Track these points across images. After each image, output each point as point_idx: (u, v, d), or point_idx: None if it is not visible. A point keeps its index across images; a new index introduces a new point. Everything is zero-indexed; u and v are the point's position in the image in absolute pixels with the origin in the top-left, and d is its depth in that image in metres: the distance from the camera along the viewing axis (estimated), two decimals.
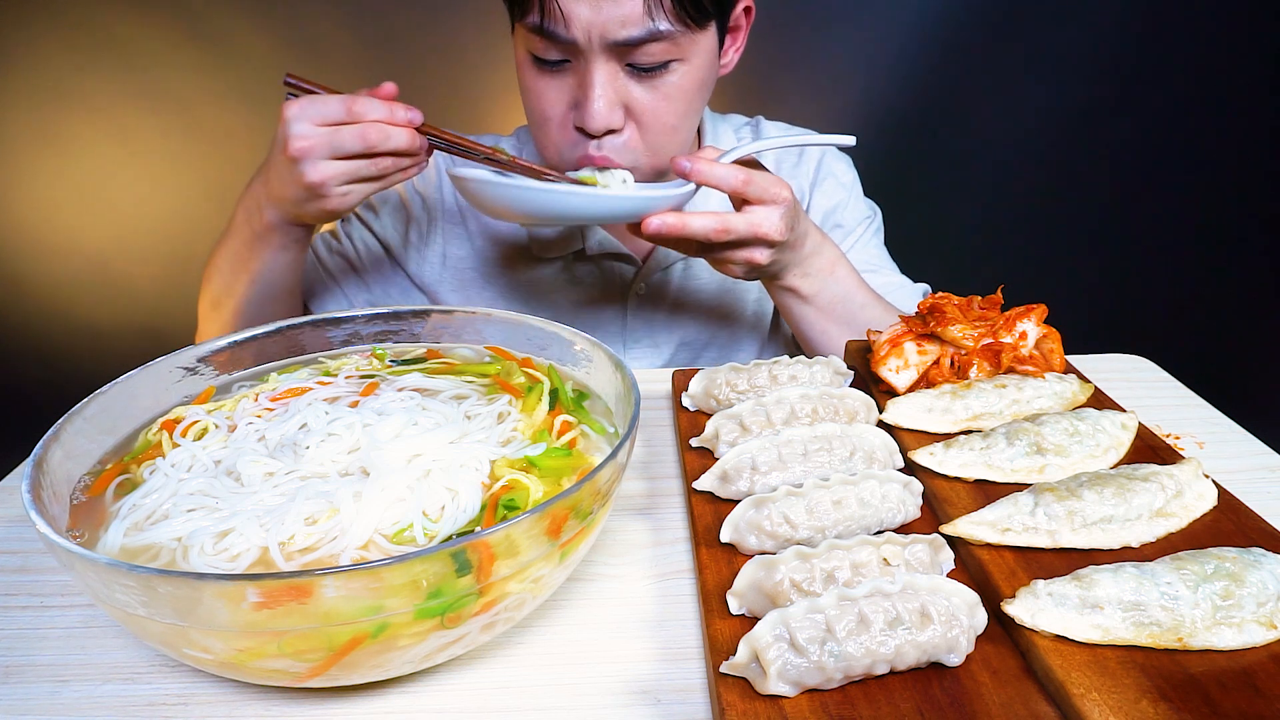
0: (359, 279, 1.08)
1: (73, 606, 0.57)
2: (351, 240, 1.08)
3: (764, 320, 1.13)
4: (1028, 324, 0.76)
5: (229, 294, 0.93)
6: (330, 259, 1.08)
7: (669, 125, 0.88)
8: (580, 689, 0.49)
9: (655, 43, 0.81)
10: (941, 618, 0.45)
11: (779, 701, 0.43)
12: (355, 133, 0.77)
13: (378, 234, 1.08)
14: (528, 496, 0.53)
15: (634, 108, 0.85)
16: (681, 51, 0.84)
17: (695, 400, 0.75)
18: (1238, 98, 2.12)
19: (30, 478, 0.48)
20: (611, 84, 0.83)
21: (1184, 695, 0.42)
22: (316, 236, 1.09)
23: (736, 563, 0.54)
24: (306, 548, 0.49)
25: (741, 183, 0.79)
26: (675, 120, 0.88)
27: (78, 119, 2.02)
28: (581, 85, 0.83)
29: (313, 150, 0.77)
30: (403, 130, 0.79)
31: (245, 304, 0.92)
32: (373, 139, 0.77)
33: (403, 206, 1.09)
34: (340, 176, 0.78)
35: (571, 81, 0.85)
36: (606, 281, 1.08)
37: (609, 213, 0.82)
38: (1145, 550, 0.54)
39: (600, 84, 0.82)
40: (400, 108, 0.79)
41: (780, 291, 0.91)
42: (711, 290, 1.10)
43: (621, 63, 0.83)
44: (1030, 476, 0.61)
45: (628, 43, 0.80)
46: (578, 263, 1.07)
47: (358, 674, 0.46)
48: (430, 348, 0.74)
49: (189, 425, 0.60)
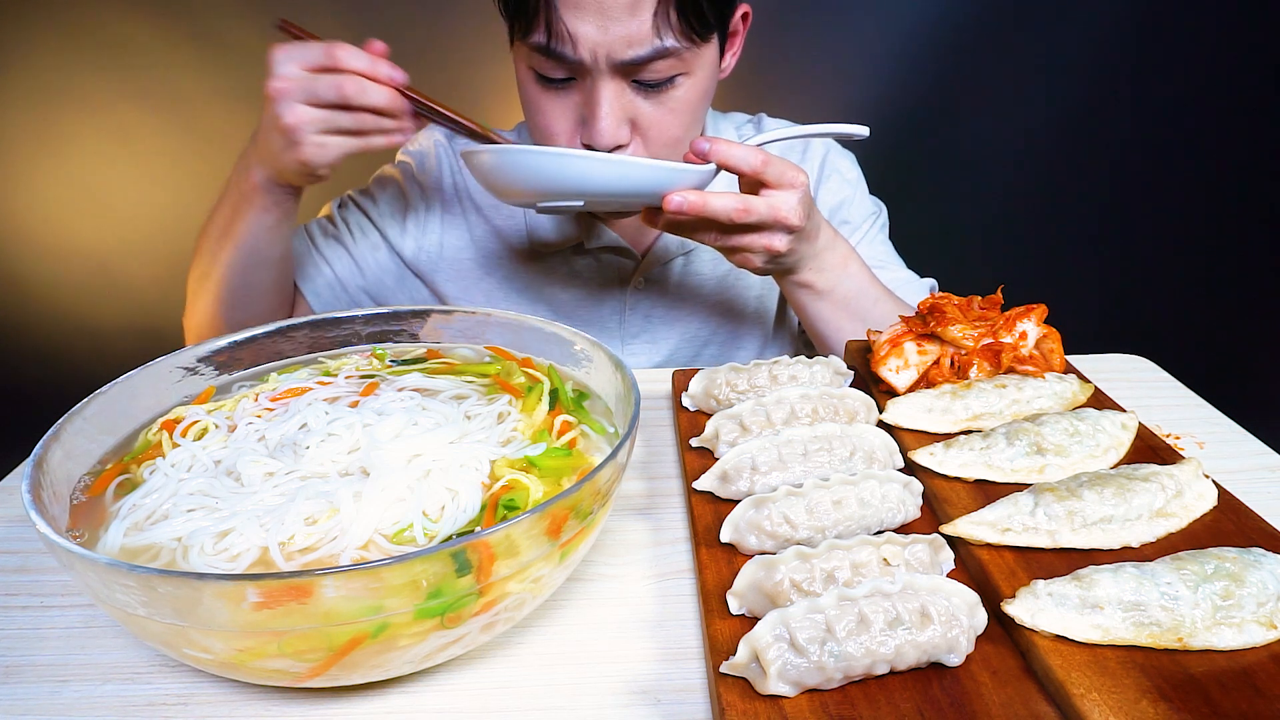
0: (353, 263, 1.06)
1: (73, 606, 0.57)
2: (347, 224, 1.07)
3: (767, 318, 1.13)
4: (1028, 324, 0.76)
5: (215, 262, 0.93)
6: (324, 242, 1.06)
7: (674, 137, 0.88)
8: (580, 689, 0.49)
9: (662, 60, 0.81)
10: (941, 618, 0.45)
11: (779, 701, 0.43)
12: (332, 81, 0.77)
13: (374, 219, 1.07)
14: (528, 496, 0.53)
15: (640, 122, 0.86)
16: (686, 66, 0.84)
17: (695, 400, 0.75)
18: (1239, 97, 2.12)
19: (30, 478, 0.48)
20: (618, 101, 0.83)
21: (1184, 695, 0.42)
22: (313, 221, 1.08)
23: (736, 563, 0.54)
24: (306, 548, 0.49)
25: (761, 163, 0.79)
26: (680, 132, 0.88)
27: (78, 119, 2.02)
28: (588, 103, 0.83)
29: (288, 92, 0.77)
30: (382, 89, 0.78)
31: (230, 271, 0.92)
32: (349, 90, 0.77)
33: (401, 194, 1.08)
34: (315, 123, 0.78)
35: (577, 99, 0.85)
36: (605, 275, 1.08)
37: (633, 183, 0.79)
38: (1145, 550, 0.54)
39: (607, 102, 0.82)
40: (385, 64, 0.79)
41: (795, 287, 0.90)
42: (712, 286, 1.10)
43: (627, 80, 0.83)
44: (1030, 476, 0.61)
45: (634, 62, 0.80)
46: (576, 256, 1.07)
47: (358, 674, 0.46)
48: (430, 348, 0.74)
49: (189, 425, 0.60)
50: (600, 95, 0.82)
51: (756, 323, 1.13)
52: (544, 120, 0.88)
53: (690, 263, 1.09)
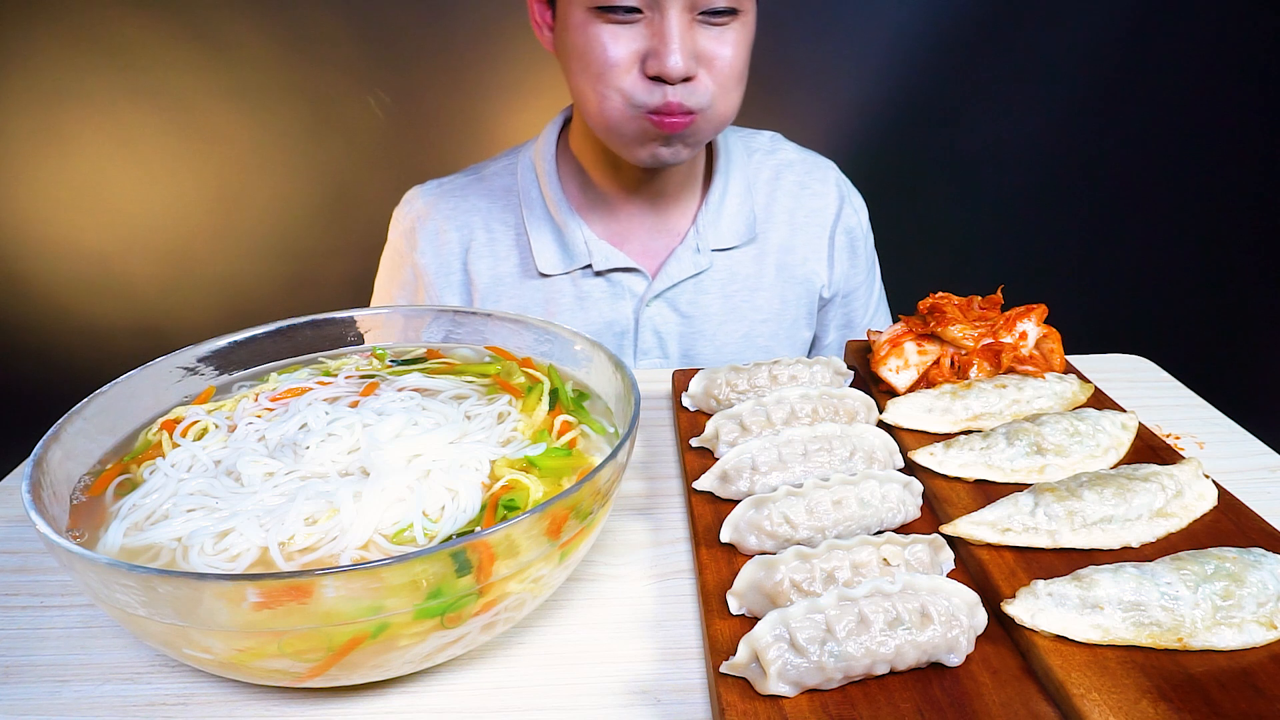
0: None
1: (73, 606, 0.57)
2: None
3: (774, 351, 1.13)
4: (1028, 324, 0.76)
5: None
6: None
7: (737, 72, 0.92)
8: (580, 689, 0.49)
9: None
10: (941, 618, 0.45)
11: (779, 701, 0.43)
12: None
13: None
14: (528, 496, 0.53)
15: (704, 55, 0.89)
16: (743, 2, 0.89)
17: (695, 400, 0.75)
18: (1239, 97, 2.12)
19: (30, 478, 0.48)
20: (688, 33, 0.87)
21: (1184, 695, 0.42)
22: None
23: (736, 563, 0.54)
24: (306, 548, 0.49)
25: None
26: (740, 68, 0.92)
27: (78, 119, 2.02)
28: (659, 35, 0.86)
29: None
30: None
31: None
32: None
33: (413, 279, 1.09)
34: None
35: (643, 32, 0.88)
36: (615, 296, 1.07)
37: None
38: (1145, 550, 0.54)
39: (679, 34, 0.85)
40: None
41: None
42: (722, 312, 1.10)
43: (694, 13, 0.87)
44: (1030, 476, 0.61)
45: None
46: (585, 278, 1.06)
47: (358, 674, 0.46)
48: (430, 348, 0.74)
49: (189, 425, 0.60)
50: (671, 27, 0.85)
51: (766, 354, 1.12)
52: (604, 53, 0.89)
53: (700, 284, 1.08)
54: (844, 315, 1.17)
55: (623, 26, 0.87)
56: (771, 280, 1.10)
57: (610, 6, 0.86)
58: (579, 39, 0.90)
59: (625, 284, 1.06)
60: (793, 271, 1.11)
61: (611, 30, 0.87)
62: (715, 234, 1.06)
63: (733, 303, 1.09)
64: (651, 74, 0.87)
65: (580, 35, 0.89)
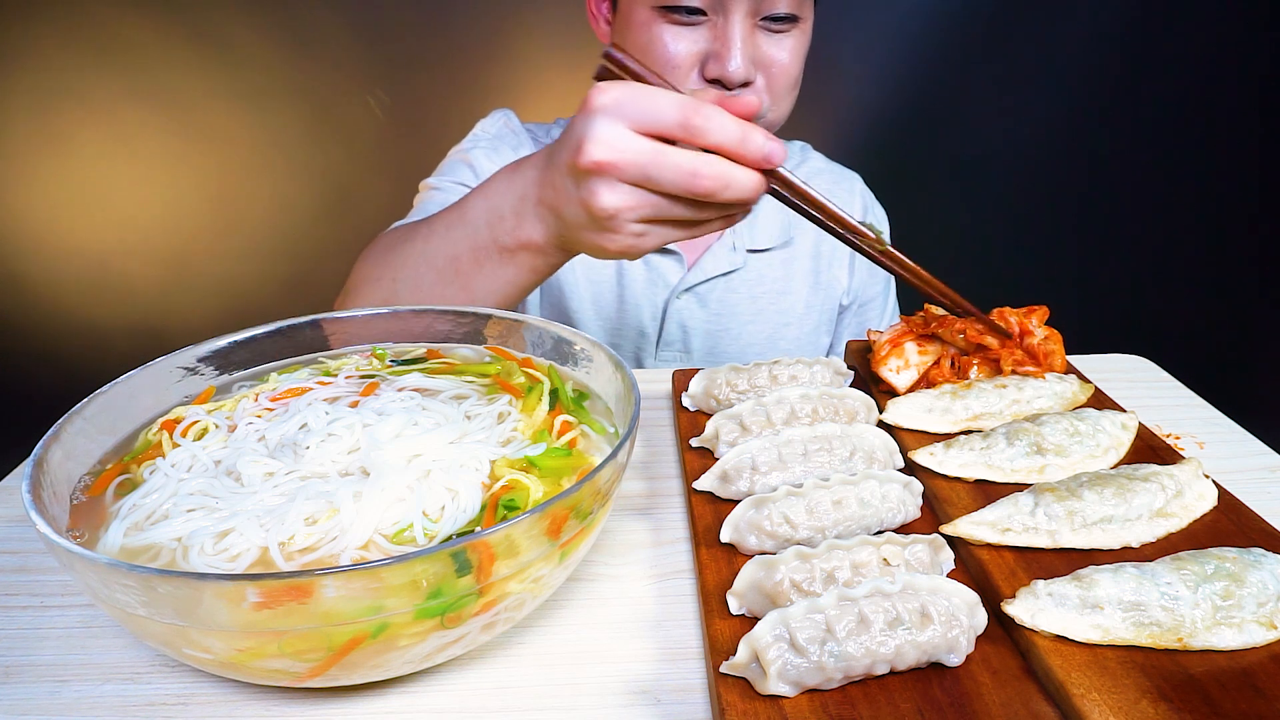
0: None
1: (73, 606, 0.56)
2: None
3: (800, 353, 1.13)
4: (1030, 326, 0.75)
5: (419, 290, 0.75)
6: None
7: (792, 79, 0.93)
8: (580, 689, 0.49)
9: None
10: (941, 618, 0.45)
11: (779, 701, 0.43)
12: (684, 167, 0.56)
13: None
14: (528, 496, 0.53)
15: (762, 61, 0.91)
16: (802, 10, 0.91)
17: (695, 400, 0.75)
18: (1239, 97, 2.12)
19: (30, 478, 0.48)
20: (750, 39, 0.88)
21: (1184, 695, 0.42)
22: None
23: (736, 563, 0.54)
24: (306, 548, 0.49)
25: None
26: (795, 75, 0.94)
27: (78, 119, 2.02)
28: (720, 39, 0.88)
29: (616, 167, 0.56)
30: (751, 175, 0.57)
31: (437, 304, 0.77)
32: (707, 185, 0.56)
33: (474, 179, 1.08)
34: (640, 210, 0.58)
35: (706, 34, 0.89)
36: (651, 281, 1.08)
37: None
38: (1145, 550, 0.54)
39: (741, 39, 0.87)
40: (758, 133, 0.56)
41: None
42: (750, 310, 1.10)
43: (755, 19, 0.88)
44: (1030, 476, 0.61)
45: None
46: None
47: (358, 674, 0.46)
48: (430, 347, 0.74)
49: (189, 425, 0.60)
50: (734, 32, 0.87)
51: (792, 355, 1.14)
52: (665, 52, 0.90)
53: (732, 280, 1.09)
54: (858, 324, 1.18)
55: (686, 28, 0.88)
56: (799, 285, 1.11)
57: (675, 6, 0.87)
58: (641, 36, 0.91)
59: (662, 270, 1.07)
60: (818, 278, 1.12)
61: (674, 30, 0.88)
62: (751, 235, 1.08)
63: (759, 304, 1.10)
64: (711, 77, 0.89)
65: (643, 33, 0.90)
